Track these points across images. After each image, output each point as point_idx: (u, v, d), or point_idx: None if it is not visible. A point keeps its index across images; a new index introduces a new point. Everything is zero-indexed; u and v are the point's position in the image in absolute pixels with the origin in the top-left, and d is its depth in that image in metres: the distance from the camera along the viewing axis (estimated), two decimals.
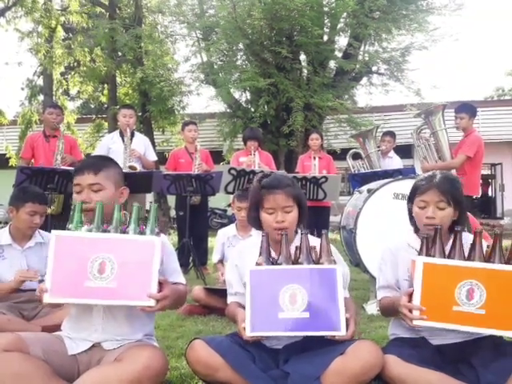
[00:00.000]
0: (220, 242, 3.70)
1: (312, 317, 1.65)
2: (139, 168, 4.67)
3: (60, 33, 12.79)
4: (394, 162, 5.85)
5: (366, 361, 1.66)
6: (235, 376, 1.69)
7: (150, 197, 10.86)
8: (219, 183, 4.44)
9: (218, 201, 10.11)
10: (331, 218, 5.82)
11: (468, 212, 2.26)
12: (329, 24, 10.92)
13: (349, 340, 1.68)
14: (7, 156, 12.84)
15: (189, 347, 1.78)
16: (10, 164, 12.36)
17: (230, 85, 10.07)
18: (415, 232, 1.98)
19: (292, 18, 9.67)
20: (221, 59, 11.34)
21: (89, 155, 6.17)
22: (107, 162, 1.93)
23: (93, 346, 1.79)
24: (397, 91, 11.37)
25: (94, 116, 14.49)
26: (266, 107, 10.11)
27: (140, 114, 11.27)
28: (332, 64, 11.35)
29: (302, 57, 10.90)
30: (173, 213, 8.95)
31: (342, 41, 11.37)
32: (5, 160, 12.81)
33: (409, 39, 10.87)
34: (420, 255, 1.74)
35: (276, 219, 1.85)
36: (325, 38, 10.81)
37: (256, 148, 5.16)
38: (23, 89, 17.60)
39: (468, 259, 1.70)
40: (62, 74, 13.87)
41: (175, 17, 11.29)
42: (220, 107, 11.70)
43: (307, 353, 1.75)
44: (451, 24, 22.47)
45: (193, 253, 4.75)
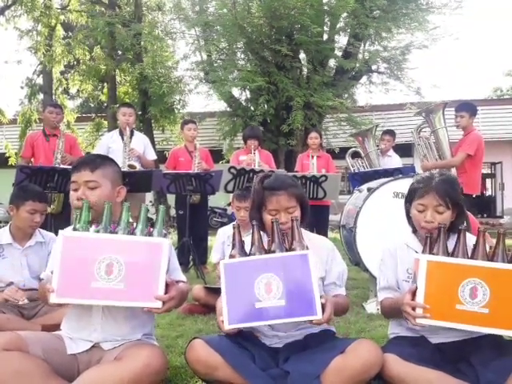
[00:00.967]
0: (220, 241, 3.69)
1: (288, 304, 1.66)
2: (138, 167, 4.65)
3: (60, 31, 12.75)
4: (393, 161, 5.85)
5: (366, 359, 1.66)
6: (235, 375, 1.69)
7: (150, 196, 10.86)
8: (219, 182, 4.42)
9: (218, 200, 10.09)
10: (331, 217, 5.81)
11: (467, 211, 2.25)
12: (329, 23, 10.88)
13: (347, 339, 1.68)
14: (7, 155, 12.82)
15: (188, 347, 1.78)
16: (10, 163, 12.33)
17: (229, 83, 10.04)
18: (413, 232, 1.98)
19: (292, 17, 9.63)
20: (220, 57, 11.32)
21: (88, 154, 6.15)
22: (105, 160, 1.92)
23: (93, 347, 1.79)
24: (397, 90, 11.37)
25: (94, 115, 14.43)
26: (266, 106, 10.07)
27: (140, 114, 11.26)
28: (332, 63, 11.32)
29: (302, 55, 10.86)
30: (172, 212, 8.94)
31: (342, 39, 11.37)
32: (4, 159, 12.78)
33: (409, 38, 10.87)
34: (423, 253, 1.74)
35: (280, 221, 1.84)
36: (325, 37, 10.78)
37: (256, 147, 5.14)
38: (23, 87, 17.69)
39: (471, 258, 1.70)
40: (62, 73, 13.82)
41: (175, 14, 11.27)
42: (220, 106, 11.70)
43: (307, 351, 1.75)
44: (451, 23, 22.47)
45: (193, 252, 4.74)
